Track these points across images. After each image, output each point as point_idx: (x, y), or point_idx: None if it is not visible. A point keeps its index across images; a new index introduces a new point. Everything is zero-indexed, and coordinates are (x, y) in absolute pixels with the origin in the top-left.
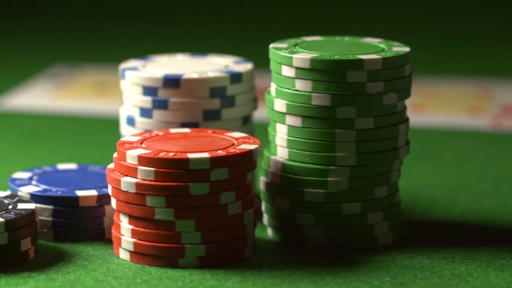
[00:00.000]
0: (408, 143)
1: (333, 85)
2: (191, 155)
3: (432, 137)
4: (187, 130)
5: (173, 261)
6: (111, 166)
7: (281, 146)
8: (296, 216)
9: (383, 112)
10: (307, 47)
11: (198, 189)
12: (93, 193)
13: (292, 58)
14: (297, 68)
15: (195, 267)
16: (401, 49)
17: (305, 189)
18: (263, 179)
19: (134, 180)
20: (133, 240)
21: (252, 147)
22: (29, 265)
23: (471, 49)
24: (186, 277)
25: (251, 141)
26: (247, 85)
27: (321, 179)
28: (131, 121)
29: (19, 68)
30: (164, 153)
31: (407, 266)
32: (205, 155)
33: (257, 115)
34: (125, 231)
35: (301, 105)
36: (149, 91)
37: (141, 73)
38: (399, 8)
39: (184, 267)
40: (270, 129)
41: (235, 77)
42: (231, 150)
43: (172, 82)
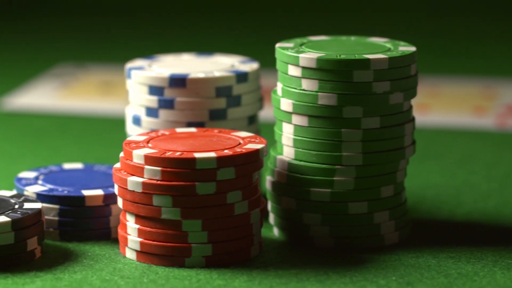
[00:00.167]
0: (414, 142)
1: (340, 85)
2: (197, 155)
3: (436, 137)
4: (193, 129)
5: (179, 260)
6: (118, 165)
7: (288, 145)
8: (302, 215)
9: (389, 111)
10: (313, 46)
11: (204, 188)
12: (99, 192)
13: (298, 57)
14: (304, 67)
15: (202, 267)
16: (407, 48)
17: (311, 189)
18: (269, 178)
19: (140, 179)
20: (140, 239)
21: (258, 146)
22: (35, 264)
23: (475, 49)
24: (192, 277)
25: (257, 141)
26: (253, 84)
27: (327, 178)
28: (137, 121)
29: (23, 67)
30: (170, 153)
31: (414, 265)
32: (212, 154)
33: (262, 114)
34: (131, 230)
35: (308, 104)
36: (155, 90)
37: (147, 72)
38: (403, 8)
39: (190, 267)
40: (276, 129)
41: (241, 77)
42: (238, 149)
43: (178, 81)
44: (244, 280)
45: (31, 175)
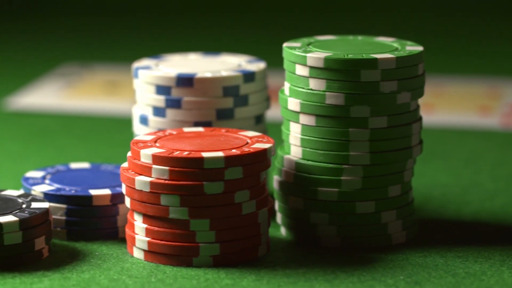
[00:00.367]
0: (421, 142)
1: (347, 84)
2: (205, 154)
3: (442, 136)
4: (201, 129)
5: (187, 260)
6: (125, 165)
7: (295, 145)
8: (309, 215)
9: (397, 111)
10: (320, 46)
11: (212, 188)
12: (107, 192)
13: (306, 57)
14: (311, 67)
15: (209, 266)
16: (414, 48)
17: (318, 188)
18: (277, 178)
19: (148, 179)
20: (147, 239)
21: (266, 146)
22: (43, 264)
23: (480, 48)
24: (200, 276)
25: (265, 140)
26: (260, 84)
27: (334, 178)
28: (144, 120)
29: (29, 67)
30: (178, 152)
31: (421, 264)
32: (220, 154)
33: (269, 114)
34: (139, 230)
35: (315, 104)
36: (162, 90)
37: (154, 72)
38: (408, 7)
39: (198, 266)
40: (283, 128)
41: (248, 76)
42: (245, 149)
43: (185, 81)
44: (252, 279)
45: (38, 174)
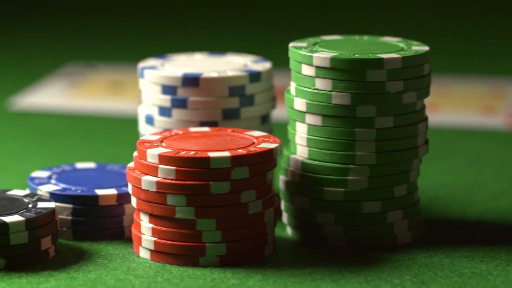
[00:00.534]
0: (427, 142)
1: (353, 84)
2: (212, 154)
3: (446, 136)
4: (207, 129)
5: (193, 259)
6: (131, 165)
7: (301, 145)
8: (315, 214)
9: (403, 111)
10: (326, 46)
11: (219, 187)
12: (113, 192)
13: (312, 57)
14: (317, 67)
15: (216, 266)
16: (420, 48)
17: (324, 188)
18: (283, 178)
19: (154, 179)
20: (154, 238)
21: (272, 146)
22: (49, 264)
23: (484, 48)
24: (207, 276)
25: (271, 140)
26: (266, 84)
27: (341, 177)
28: (150, 120)
29: (33, 67)
30: (184, 152)
31: (427, 264)
32: (226, 154)
33: (274, 114)
34: (145, 230)
35: (321, 104)
36: (168, 90)
37: (160, 72)
38: (411, 8)
39: (204, 266)
40: (289, 128)
41: (254, 76)
42: (252, 149)
43: (191, 81)
44: (258, 279)
45: (44, 174)
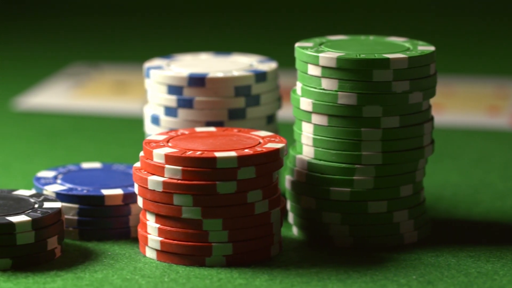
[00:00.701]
0: (432, 141)
1: (359, 84)
2: (218, 154)
3: (451, 136)
4: (213, 129)
5: (200, 259)
6: (138, 164)
7: (307, 144)
8: (321, 214)
9: (409, 111)
10: (332, 46)
11: (225, 187)
12: (119, 191)
13: (318, 57)
14: (323, 67)
15: (222, 266)
16: (426, 48)
17: (331, 188)
18: (289, 177)
19: (161, 178)
20: (160, 238)
21: (278, 145)
22: (56, 263)
23: (489, 48)
24: (213, 276)
25: (277, 140)
26: (271, 84)
27: (347, 177)
28: (155, 120)
29: (37, 67)
30: (191, 152)
31: (433, 264)
32: (233, 153)
33: (279, 114)
34: (151, 229)
35: (327, 104)
36: (174, 90)
37: (166, 72)
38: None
39: (211, 266)
40: (295, 128)
41: (260, 76)
42: (258, 148)
43: (197, 81)
44: (265, 279)
45: (49, 174)
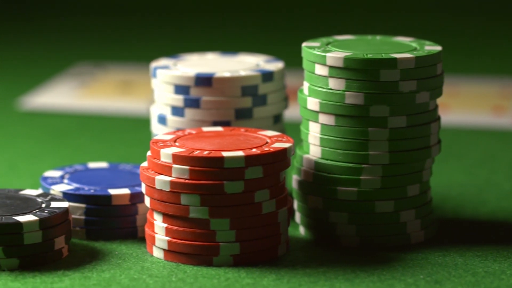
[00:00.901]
0: (439, 141)
1: (367, 84)
2: (225, 154)
3: (457, 136)
4: (220, 128)
5: (207, 259)
6: (145, 164)
7: (314, 144)
8: (328, 214)
9: (416, 110)
10: (339, 45)
11: (233, 187)
12: (126, 191)
13: (325, 56)
14: (331, 66)
15: (230, 265)
16: (433, 48)
17: (338, 187)
18: (296, 177)
19: (168, 178)
20: (167, 238)
21: (286, 145)
22: (63, 263)
23: (493, 48)
24: (221, 275)
25: (284, 140)
26: (278, 83)
27: (354, 177)
28: (162, 120)
29: (42, 67)
30: (198, 152)
31: (441, 264)
32: (240, 153)
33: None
34: (159, 229)
35: (334, 103)
36: (181, 89)
37: (172, 71)
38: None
39: (218, 265)
40: (302, 128)
41: (267, 76)
42: (265, 148)
43: (204, 80)
44: (272, 278)
45: (56, 174)
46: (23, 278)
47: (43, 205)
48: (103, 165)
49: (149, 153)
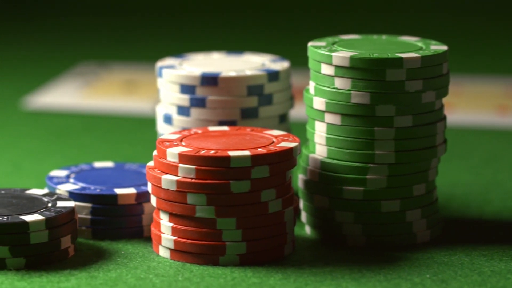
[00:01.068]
0: (445, 141)
1: (373, 83)
2: (232, 153)
3: (461, 136)
4: (226, 128)
5: (213, 258)
6: (151, 163)
7: (320, 144)
8: (335, 213)
9: (422, 110)
10: (345, 45)
11: (239, 187)
12: (132, 191)
13: (331, 56)
14: (337, 66)
15: (236, 265)
16: (439, 47)
17: (344, 187)
18: (302, 177)
19: (174, 178)
20: (174, 238)
21: (292, 145)
22: (69, 263)
23: (498, 48)
24: (227, 275)
25: (290, 139)
26: (284, 83)
27: (360, 177)
28: (168, 119)
29: (46, 66)
30: (204, 151)
31: (447, 263)
32: (246, 153)
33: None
34: (165, 229)
35: (341, 103)
36: (186, 89)
37: (178, 71)
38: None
39: (224, 265)
40: (308, 127)
41: (273, 75)
42: (272, 148)
43: (210, 80)
44: (279, 278)
45: (62, 173)
46: (29, 277)
47: (49, 205)
48: (109, 164)
49: (155, 153)
